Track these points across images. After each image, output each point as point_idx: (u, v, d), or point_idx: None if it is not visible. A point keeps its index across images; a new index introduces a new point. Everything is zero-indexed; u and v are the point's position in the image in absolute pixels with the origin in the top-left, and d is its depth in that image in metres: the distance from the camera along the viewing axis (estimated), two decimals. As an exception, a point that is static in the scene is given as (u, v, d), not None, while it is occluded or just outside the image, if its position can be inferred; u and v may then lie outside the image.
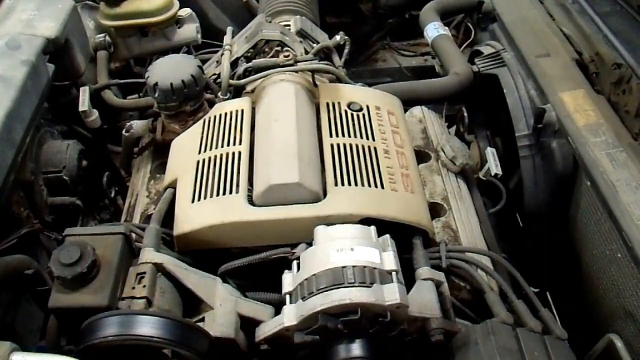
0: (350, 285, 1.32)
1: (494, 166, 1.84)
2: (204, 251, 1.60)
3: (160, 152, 1.95)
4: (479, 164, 2.04)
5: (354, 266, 1.35)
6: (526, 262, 2.16)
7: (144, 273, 1.41)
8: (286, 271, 1.47)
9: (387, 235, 1.47)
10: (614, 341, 1.59)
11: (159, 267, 1.44)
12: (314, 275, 1.37)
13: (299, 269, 1.44)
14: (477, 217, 1.79)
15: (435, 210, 1.72)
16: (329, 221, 1.50)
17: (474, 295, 1.54)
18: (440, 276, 1.44)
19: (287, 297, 1.42)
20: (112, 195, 2.20)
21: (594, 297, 1.88)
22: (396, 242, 1.48)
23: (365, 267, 1.35)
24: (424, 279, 1.41)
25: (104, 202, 2.26)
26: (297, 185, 1.53)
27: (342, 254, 1.38)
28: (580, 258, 1.91)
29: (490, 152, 1.88)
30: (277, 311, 1.44)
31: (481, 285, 1.48)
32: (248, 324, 1.48)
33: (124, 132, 2.03)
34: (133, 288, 1.40)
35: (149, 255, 1.45)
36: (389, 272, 1.37)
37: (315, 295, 1.34)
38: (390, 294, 1.30)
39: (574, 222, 1.95)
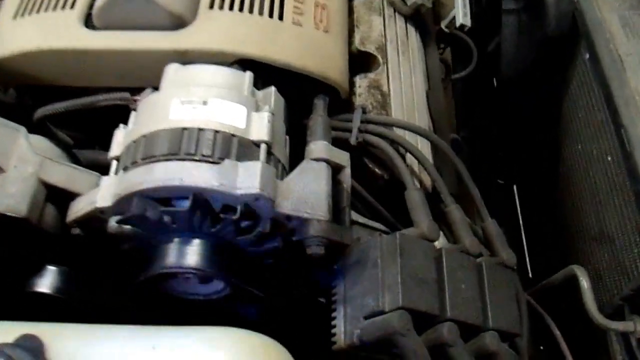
0: (188, 157, 0.84)
1: (461, 14, 1.32)
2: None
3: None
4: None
5: (200, 129, 0.87)
6: (491, 148, 1.71)
7: None
8: (121, 126, 0.99)
9: (272, 88, 0.98)
10: (578, 276, 1.14)
11: None
12: (144, 136, 0.90)
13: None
14: (425, 81, 1.27)
15: (364, 62, 1.20)
16: (189, 58, 1.00)
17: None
18: (342, 157, 0.95)
19: (113, 164, 0.95)
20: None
21: (566, 203, 1.42)
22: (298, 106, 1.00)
23: (217, 132, 0.87)
24: (314, 159, 0.92)
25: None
26: (149, 2, 1.01)
27: (189, 108, 0.90)
28: (559, 152, 1.44)
29: (460, -5, 1.34)
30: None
31: (402, 176, 0.99)
32: (65, 197, 1.01)
33: None
34: None
35: None
36: (256, 144, 0.88)
37: (137, 167, 0.87)
38: (247, 177, 0.82)
39: (559, 107, 1.46)
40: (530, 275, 1.62)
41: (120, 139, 0.96)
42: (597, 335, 1.22)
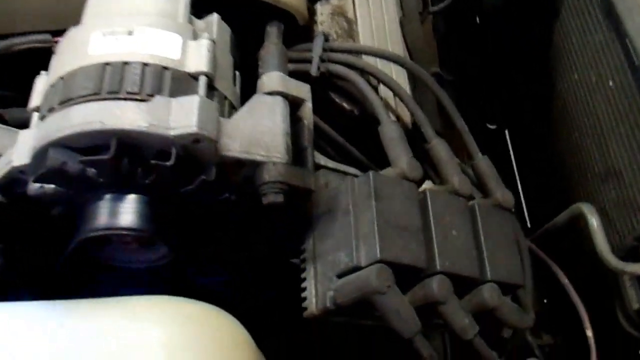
0: (111, 96, 0.69)
1: None
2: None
3: None
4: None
5: (125, 62, 0.72)
6: (478, 91, 1.57)
7: None
8: (42, 73, 0.83)
9: (214, 15, 0.82)
10: (586, 214, 1.00)
11: None
12: (61, 78, 0.74)
13: (56, 69, 0.80)
14: (398, 7, 1.12)
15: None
16: (116, -13, 0.84)
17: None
18: (301, 90, 0.80)
19: (34, 116, 0.80)
20: None
21: (564, 141, 1.28)
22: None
23: (146, 64, 0.72)
24: (267, 93, 0.77)
25: None
26: None
27: (112, 40, 0.74)
28: (552, 85, 1.30)
29: None
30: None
31: (375, 110, 0.84)
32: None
33: None
34: None
35: None
36: (193, 77, 0.73)
37: (54, 114, 0.72)
38: (182, 115, 0.67)
39: (549, 34, 1.31)
40: (528, 224, 1.49)
41: (40, 87, 0.81)
42: (607, 281, 1.08)
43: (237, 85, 0.83)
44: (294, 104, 0.79)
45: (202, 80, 0.73)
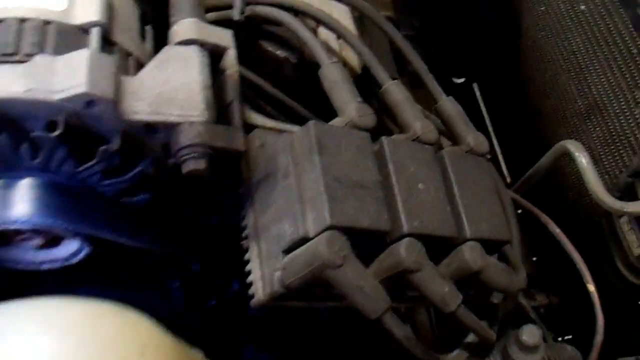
0: (-19, 61, 0.56)
1: None
2: None
3: None
4: None
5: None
6: (441, 43, 1.45)
7: None
8: None
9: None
10: (573, 153, 0.88)
11: None
12: None
13: None
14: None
15: None
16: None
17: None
18: (222, 36, 0.67)
19: None
20: None
21: (539, 84, 1.16)
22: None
23: (24, 20, 0.59)
24: (181, 43, 0.64)
25: None
26: None
27: (-18, -6, 0.61)
28: (519, 24, 1.17)
29: None
30: None
31: (314, 52, 0.71)
32: None
33: None
34: None
35: None
36: (84, 30, 0.60)
37: None
38: (69, 73, 0.54)
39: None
40: (508, 180, 1.37)
41: None
42: (600, 228, 0.97)
43: (149, 42, 0.70)
44: (215, 54, 0.66)
45: (95, 33, 0.60)
